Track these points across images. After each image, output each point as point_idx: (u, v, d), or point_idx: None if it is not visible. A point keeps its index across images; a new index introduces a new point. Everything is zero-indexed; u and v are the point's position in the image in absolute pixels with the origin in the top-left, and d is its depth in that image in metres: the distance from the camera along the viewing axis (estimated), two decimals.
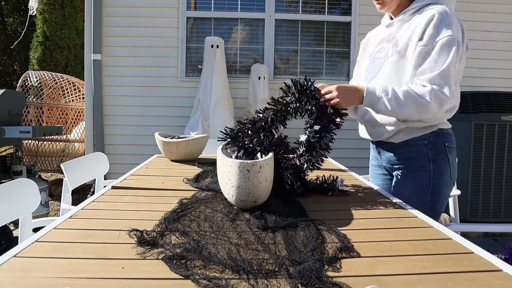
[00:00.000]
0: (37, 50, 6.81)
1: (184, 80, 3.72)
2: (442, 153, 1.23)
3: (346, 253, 0.71)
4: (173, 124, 3.67)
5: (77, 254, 0.70)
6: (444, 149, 1.23)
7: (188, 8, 3.72)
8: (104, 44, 3.65)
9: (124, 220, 0.91)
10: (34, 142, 4.07)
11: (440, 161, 1.22)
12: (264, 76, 3.48)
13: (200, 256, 0.67)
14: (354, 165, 1.80)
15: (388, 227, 0.87)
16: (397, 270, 0.64)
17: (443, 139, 1.23)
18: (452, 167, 1.24)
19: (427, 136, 1.22)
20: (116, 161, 3.54)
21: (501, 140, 2.96)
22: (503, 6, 3.80)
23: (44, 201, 3.02)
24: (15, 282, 0.58)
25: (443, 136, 1.24)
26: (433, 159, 1.22)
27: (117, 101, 3.72)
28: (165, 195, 1.16)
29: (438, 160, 1.22)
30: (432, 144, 1.23)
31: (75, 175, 1.52)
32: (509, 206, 3.02)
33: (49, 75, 4.79)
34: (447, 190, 1.26)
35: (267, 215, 0.93)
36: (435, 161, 1.22)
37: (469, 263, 0.68)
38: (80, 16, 6.92)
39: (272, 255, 0.69)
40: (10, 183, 1.07)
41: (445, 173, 1.23)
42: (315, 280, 0.58)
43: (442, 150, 1.23)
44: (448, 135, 1.26)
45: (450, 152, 1.24)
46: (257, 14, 3.76)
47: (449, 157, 1.23)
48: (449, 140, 1.25)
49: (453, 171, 1.25)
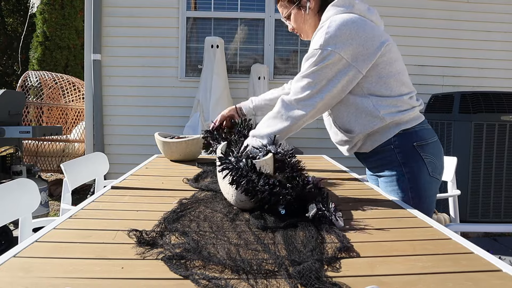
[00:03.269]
0: (37, 50, 6.81)
1: (184, 80, 3.72)
2: (412, 154, 1.18)
3: (345, 253, 0.71)
4: (173, 124, 3.67)
5: (76, 254, 0.70)
6: (413, 150, 1.18)
7: (188, 8, 3.72)
8: (104, 44, 3.65)
9: (123, 220, 0.91)
10: (34, 142, 4.07)
11: (412, 162, 1.18)
12: (264, 76, 3.48)
13: (199, 256, 0.67)
14: (354, 166, 1.80)
15: (387, 227, 0.87)
16: (396, 270, 0.64)
17: (410, 140, 1.19)
18: (429, 164, 1.18)
19: (392, 140, 1.19)
20: (116, 161, 3.54)
21: (501, 140, 2.96)
22: (503, 6, 3.80)
23: (44, 201, 3.02)
24: (15, 282, 0.58)
25: (410, 136, 1.19)
26: (403, 162, 1.19)
27: (117, 101, 3.72)
28: (165, 195, 1.16)
29: (409, 162, 1.18)
30: (399, 148, 1.19)
31: (75, 175, 1.52)
32: (509, 206, 3.02)
33: (49, 75, 4.79)
34: (430, 188, 1.21)
35: (267, 215, 0.93)
36: (406, 164, 1.18)
37: (469, 263, 0.68)
38: (80, 16, 6.93)
39: (272, 255, 0.69)
40: (10, 183, 1.07)
41: (420, 173, 1.18)
42: (314, 280, 0.58)
43: (411, 151, 1.18)
44: (416, 133, 1.19)
45: (423, 150, 1.18)
46: (257, 14, 3.76)
47: (423, 156, 1.18)
48: (418, 138, 1.19)
49: (432, 168, 1.19)
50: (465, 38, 3.79)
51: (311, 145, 3.54)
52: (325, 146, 1.65)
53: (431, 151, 1.20)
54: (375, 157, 1.27)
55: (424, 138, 1.20)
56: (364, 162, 1.38)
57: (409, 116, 1.19)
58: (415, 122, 1.20)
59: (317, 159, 2.06)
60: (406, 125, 1.19)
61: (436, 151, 1.22)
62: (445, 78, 3.81)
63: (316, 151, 3.33)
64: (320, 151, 2.86)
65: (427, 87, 3.75)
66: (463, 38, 3.79)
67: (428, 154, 1.19)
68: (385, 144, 1.21)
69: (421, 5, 3.75)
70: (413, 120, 1.20)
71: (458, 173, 1.77)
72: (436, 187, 1.24)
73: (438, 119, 3.30)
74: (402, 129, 1.18)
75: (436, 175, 1.22)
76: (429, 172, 1.19)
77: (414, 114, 1.20)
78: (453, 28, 3.77)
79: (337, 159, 1.95)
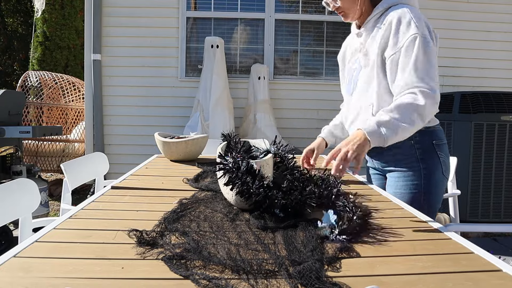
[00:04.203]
0: (37, 50, 6.81)
1: (184, 80, 3.72)
2: (430, 151, 1.22)
3: (345, 253, 0.71)
4: (173, 124, 3.67)
5: (76, 254, 0.70)
6: (432, 147, 1.22)
7: (188, 8, 3.72)
8: (104, 44, 3.65)
9: (123, 220, 0.91)
10: (34, 142, 4.07)
11: (429, 159, 1.21)
12: (264, 76, 3.48)
13: (200, 256, 0.67)
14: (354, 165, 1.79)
15: (387, 227, 0.87)
16: (396, 270, 0.64)
17: (430, 137, 1.22)
18: (443, 164, 1.23)
19: (414, 136, 1.20)
20: (116, 161, 3.54)
21: (501, 140, 2.96)
22: (503, 6, 3.80)
23: (44, 201, 3.02)
24: (15, 282, 0.58)
25: (430, 134, 1.23)
26: (422, 158, 1.21)
27: (117, 101, 3.72)
28: (165, 195, 1.16)
29: (427, 159, 1.21)
30: (419, 144, 1.22)
31: (75, 175, 1.52)
32: (509, 206, 3.02)
33: (49, 75, 4.79)
34: (441, 187, 1.25)
35: (267, 215, 0.93)
36: (424, 160, 1.21)
37: (469, 263, 0.68)
38: (80, 16, 6.92)
39: (272, 255, 0.69)
40: (10, 183, 1.07)
41: (436, 171, 1.22)
42: (314, 280, 0.58)
43: (430, 148, 1.22)
44: (435, 132, 1.24)
45: (439, 149, 1.23)
46: (257, 14, 3.76)
47: (439, 154, 1.22)
48: (436, 138, 1.23)
49: (445, 167, 1.23)
50: (465, 38, 3.79)
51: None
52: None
53: (445, 151, 1.25)
54: (392, 152, 1.26)
55: (441, 138, 1.25)
56: (376, 157, 1.35)
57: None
58: (435, 122, 1.25)
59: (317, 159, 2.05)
60: (429, 123, 1.22)
61: (447, 152, 1.27)
62: (445, 78, 3.80)
63: None
64: None
65: None
66: (463, 38, 3.79)
67: (442, 154, 1.23)
68: (406, 139, 1.19)
69: (421, 5, 3.70)
70: (434, 119, 1.24)
71: (458, 173, 1.77)
72: (444, 187, 1.28)
73: (438, 119, 3.29)
74: (425, 126, 1.20)
75: (447, 175, 1.26)
76: (442, 171, 1.23)
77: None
78: (453, 28, 3.77)
79: None
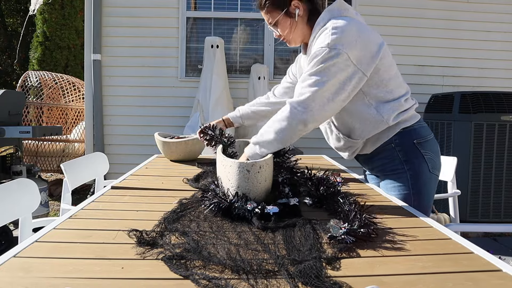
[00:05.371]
0: (37, 50, 6.81)
1: (184, 80, 3.72)
2: (413, 151, 1.20)
3: (345, 253, 0.71)
4: (173, 124, 3.67)
5: (76, 254, 0.70)
6: (414, 147, 1.20)
7: (188, 8, 3.72)
8: (104, 44, 3.65)
9: (123, 220, 0.91)
10: (34, 142, 4.07)
11: (413, 160, 1.20)
12: (264, 76, 3.48)
13: (199, 256, 0.67)
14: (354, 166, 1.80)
15: (387, 227, 0.87)
16: (396, 270, 0.64)
17: (410, 137, 1.21)
18: (429, 161, 1.21)
19: (393, 139, 1.21)
20: (116, 161, 3.54)
21: (501, 140, 2.96)
22: (503, 6, 3.80)
23: (44, 201, 3.02)
24: (15, 282, 0.58)
25: (409, 134, 1.21)
26: (405, 160, 1.21)
27: (117, 101, 3.71)
28: (165, 195, 1.16)
29: (411, 159, 1.20)
30: (399, 146, 1.21)
31: (75, 175, 1.52)
32: (509, 206, 3.02)
33: (49, 75, 4.79)
34: (430, 184, 1.23)
35: (267, 215, 0.93)
36: (408, 162, 1.21)
37: (469, 263, 0.68)
38: (80, 16, 6.93)
39: (272, 255, 0.69)
40: (10, 183, 1.07)
41: (422, 169, 1.21)
42: (314, 279, 0.58)
43: (412, 148, 1.20)
44: (415, 131, 1.22)
45: (422, 147, 1.21)
46: (257, 14, 3.76)
47: (423, 153, 1.20)
48: (418, 136, 1.21)
49: (432, 164, 1.22)
50: (465, 38, 3.79)
51: (311, 145, 3.54)
52: (325, 146, 1.65)
53: (429, 148, 1.23)
54: (376, 157, 1.28)
55: (423, 136, 1.23)
56: (365, 164, 1.39)
57: (408, 115, 1.20)
58: (413, 120, 1.23)
59: (317, 159, 2.06)
60: (406, 123, 1.21)
61: (434, 148, 1.25)
62: (445, 78, 3.81)
63: (316, 151, 3.32)
64: (320, 151, 2.85)
65: (427, 87, 3.75)
66: (463, 38, 3.79)
67: (427, 151, 1.22)
68: (386, 144, 1.22)
69: (421, 5, 3.75)
70: (412, 118, 1.22)
71: (458, 173, 1.77)
72: (435, 184, 1.26)
73: (438, 119, 3.30)
74: (402, 127, 1.20)
75: (436, 172, 1.24)
76: (429, 168, 1.21)
77: (412, 113, 1.23)
78: (453, 28, 3.77)
79: (337, 159, 1.95)
